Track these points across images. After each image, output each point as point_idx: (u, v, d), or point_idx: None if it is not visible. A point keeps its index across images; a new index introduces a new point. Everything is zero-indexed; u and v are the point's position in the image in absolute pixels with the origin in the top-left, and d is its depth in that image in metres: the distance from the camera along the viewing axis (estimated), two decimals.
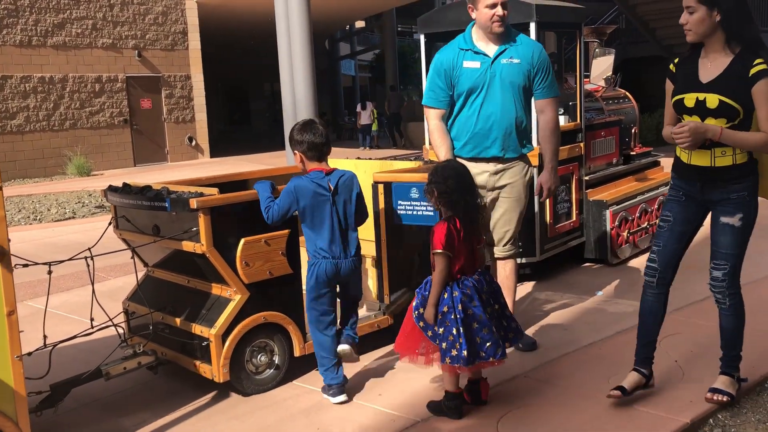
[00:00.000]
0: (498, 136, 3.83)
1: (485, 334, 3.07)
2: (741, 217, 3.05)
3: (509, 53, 3.81)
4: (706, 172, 3.05)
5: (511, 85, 3.80)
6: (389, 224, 3.96)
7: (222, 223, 3.35)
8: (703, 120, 2.98)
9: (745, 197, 3.05)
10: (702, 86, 3.00)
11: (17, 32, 16.31)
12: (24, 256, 3.27)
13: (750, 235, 3.12)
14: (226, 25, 22.01)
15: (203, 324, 3.46)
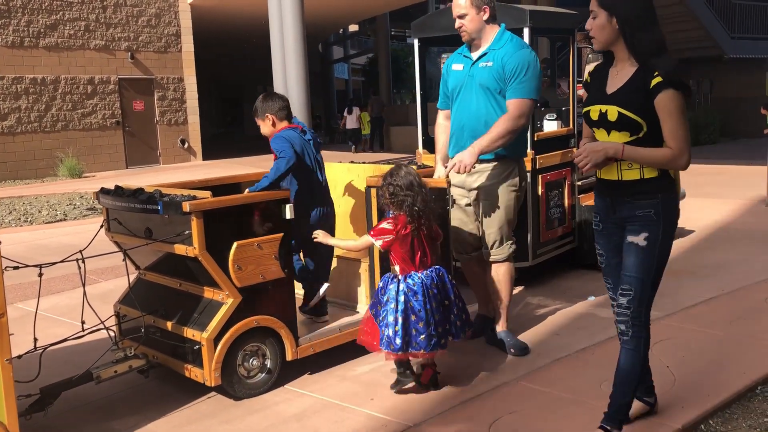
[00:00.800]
0: (469, 137, 3.86)
1: (421, 327, 3.35)
2: (646, 237, 2.75)
3: (488, 57, 3.88)
4: (614, 186, 2.80)
5: (482, 87, 3.86)
6: None
7: (215, 226, 3.34)
8: (608, 134, 2.77)
9: (652, 216, 2.75)
10: (606, 98, 2.77)
11: (9, 33, 16.25)
12: (15, 258, 3.24)
13: (660, 261, 2.79)
14: (219, 27, 22.00)
15: (195, 327, 3.44)
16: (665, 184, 2.78)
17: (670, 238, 2.81)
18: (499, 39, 3.88)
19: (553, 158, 5.30)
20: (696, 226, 7.43)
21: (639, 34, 2.66)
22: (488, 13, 3.86)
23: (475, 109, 3.88)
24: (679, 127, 2.64)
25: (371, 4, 22.48)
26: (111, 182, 4.15)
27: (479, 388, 3.57)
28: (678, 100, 2.64)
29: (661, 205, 2.76)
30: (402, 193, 3.35)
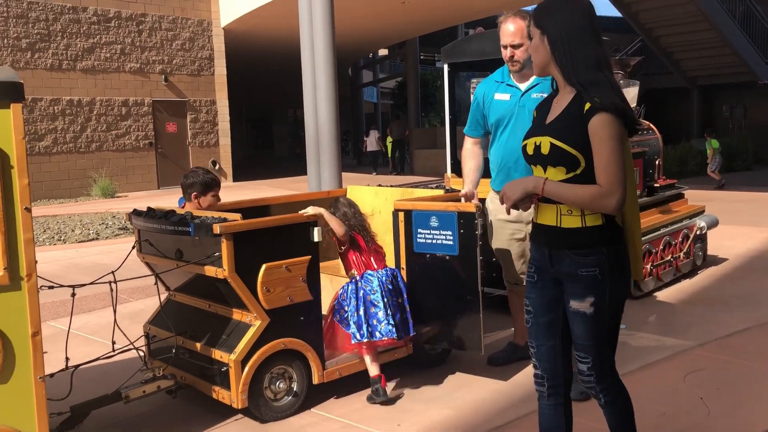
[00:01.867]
0: (525, 170, 3.63)
1: (380, 317, 3.70)
2: (592, 302, 2.29)
3: (541, 87, 3.77)
4: (551, 234, 2.36)
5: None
6: (409, 252, 3.96)
7: (244, 248, 3.37)
8: (545, 170, 2.37)
9: (596, 276, 2.28)
10: (543, 128, 2.40)
11: (48, 56, 16.68)
12: (48, 276, 3.31)
13: (613, 324, 2.37)
14: (251, 51, 22.35)
15: (223, 349, 3.46)
16: (611, 236, 2.31)
17: (621, 298, 2.37)
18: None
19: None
20: (729, 254, 7.31)
21: (569, 52, 2.28)
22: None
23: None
24: (611, 159, 2.19)
25: (401, 29, 22.69)
26: (143, 202, 4.22)
27: (508, 415, 3.53)
28: (613, 127, 2.21)
29: (606, 262, 2.28)
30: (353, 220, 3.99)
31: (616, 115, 2.22)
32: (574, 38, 2.28)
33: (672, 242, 6.05)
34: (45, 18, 16.57)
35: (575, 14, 2.31)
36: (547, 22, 2.32)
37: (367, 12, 18.86)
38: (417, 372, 4.13)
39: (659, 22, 19.41)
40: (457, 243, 3.68)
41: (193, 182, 4.11)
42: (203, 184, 4.11)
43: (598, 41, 2.31)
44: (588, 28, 2.30)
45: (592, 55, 2.28)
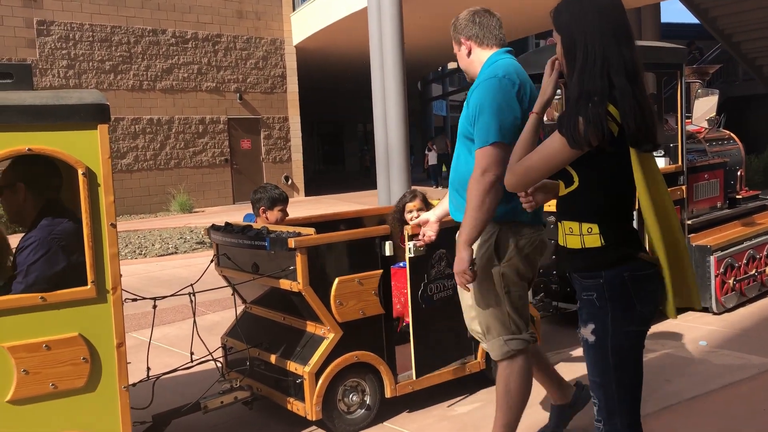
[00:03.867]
0: (452, 195, 3.15)
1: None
2: (593, 330, 2.11)
3: (468, 97, 3.11)
4: (561, 254, 2.25)
5: (461, 135, 3.08)
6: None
7: (318, 262, 3.43)
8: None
9: (594, 301, 2.11)
10: None
11: (130, 77, 17.41)
12: (130, 289, 3.44)
13: (620, 361, 2.09)
14: (322, 68, 22.73)
15: (297, 361, 3.52)
16: (611, 258, 2.09)
17: (627, 330, 2.10)
18: (482, 73, 3.03)
19: None
20: None
21: (578, 56, 2.06)
22: (469, 47, 3.08)
23: (456, 163, 3.10)
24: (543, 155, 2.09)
25: None
26: (219, 217, 4.35)
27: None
28: (551, 144, 2.06)
29: (605, 287, 2.08)
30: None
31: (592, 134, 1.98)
32: (593, 40, 2.03)
33: (756, 256, 5.80)
34: (127, 41, 17.32)
35: (589, 12, 2.06)
36: (560, 24, 2.13)
37: (437, 25, 18.91)
38: (491, 388, 4.08)
39: (738, 28, 18.73)
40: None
41: (260, 197, 4.23)
42: (270, 199, 4.22)
43: (619, 43, 2.04)
44: (605, 28, 2.04)
45: (610, 57, 2.02)
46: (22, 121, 2.63)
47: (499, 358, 3.02)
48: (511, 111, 2.82)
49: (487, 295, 2.98)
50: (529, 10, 17.81)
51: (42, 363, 2.69)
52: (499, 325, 2.99)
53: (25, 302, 2.67)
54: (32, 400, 2.68)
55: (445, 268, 3.83)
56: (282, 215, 4.25)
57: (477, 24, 3.08)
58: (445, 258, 3.83)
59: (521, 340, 3.00)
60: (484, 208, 2.79)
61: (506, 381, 3.02)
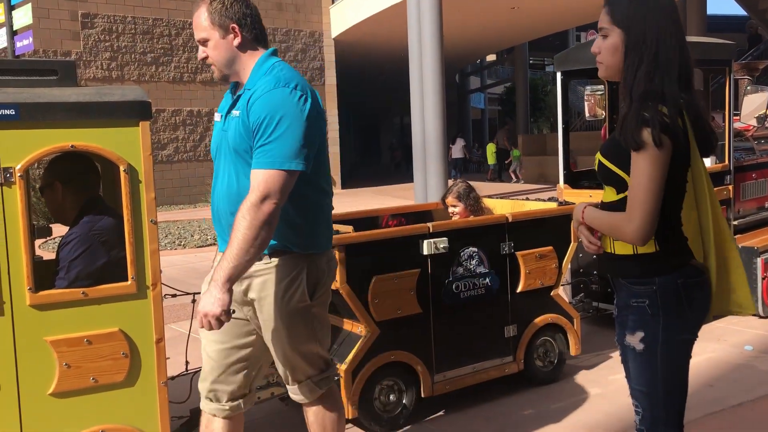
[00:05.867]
0: (222, 225, 2.59)
1: None
2: (642, 338, 2.03)
3: (240, 102, 2.52)
4: (608, 260, 2.13)
5: (230, 148, 2.52)
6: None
7: (356, 260, 3.41)
8: (604, 189, 2.14)
9: (646, 309, 2.02)
10: (602, 144, 2.22)
11: (171, 69, 17.62)
12: (169, 280, 3.48)
13: (670, 368, 2.04)
14: (359, 60, 22.73)
15: (334, 359, 3.51)
16: (665, 265, 2.02)
17: (679, 339, 2.04)
18: (257, 71, 2.53)
19: None
20: None
21: (644, 57, 1.96)
22: (240, 36, 2.52)
23: (226, 184, 2.56)
24: (641, 189, 1.92)
25: (510, 34, 22.41)
26: None
27: None
28: (649, 158, 1.91)
29: (658, 294, 2.01)
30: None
31: (664, 134, 1.89)
32: (658, 40, 1.95)
33: None
34: (168, 33, 17.53)
35: (665, 7, 1.99)
36: (629, 18, 1.98)
37: (476, 19, 18.76)
38: (528, 389, 4.03)
39: None
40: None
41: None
42: None
43: (679, 45, 1.98)
44: (671, 29, 1.97)
45: (672, 60, 1.94)
46: (66, 118, 2.66)
47: (311, 400, 2.70)
48: (313, 134, 2.40)
49: (295, 337, 2.55)
50: (572, 2, 17.55)
51: (83, 357, 2.72)
52: (307, 365, 2.62)
53: (67, 297, 2.71)
54: (73, 394, 2.72)
55: (476, 267, 3.79)
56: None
57: (250, 11, 2.54)
58: (476, 256, 3.79)
59: (330, 377, 2.71)
60: (257, 242, 2.31)
61: (321, 422, 2.73)
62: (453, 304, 3.72)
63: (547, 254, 4.02)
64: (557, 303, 4.11)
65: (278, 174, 2.33)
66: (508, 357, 3.94)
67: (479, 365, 3.83)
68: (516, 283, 3.94)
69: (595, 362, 4.42)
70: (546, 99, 34.52)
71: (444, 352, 3.70)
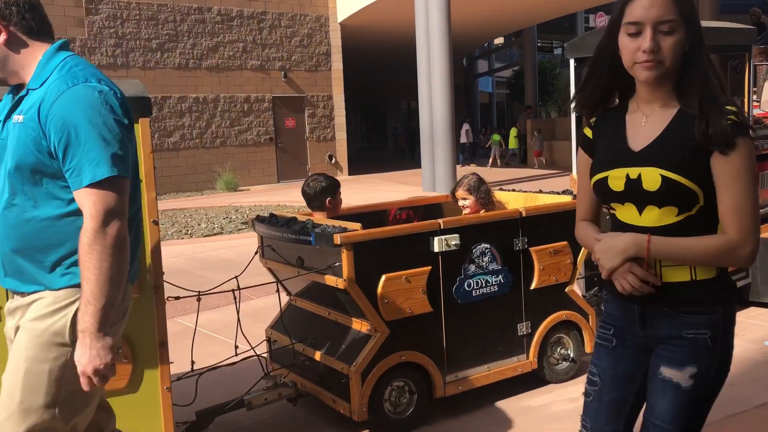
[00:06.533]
0: (10, 264, 2.11)
1: None
2: (694, 373, 1.79)
3: (21, 106, 2.09)
4: (657, 290, 1.81)
5: (11, 164, 2.05)
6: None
7: (364, 258, 3.30)
8: (640, 211, 1.81)
9: (707, 341, 1.80)
10: (634, 156, 1.82)
11: (176, 56, 17.48)
12: (176, 271, 3.41)
13: (707, 408, 1.87)
14: (366, 45, 22.53)
15: (343, 359, 3.41)
16: (727, 292, 1.83)
17: (726, 371, 1.85)
18: (42, 69, 2.09)
19: None
20: None
21: (707, 54, 1.76)
22: (6, 31, 2.08)
23: (5, 216, 2.08)
24: (746, 199, 1.70)
25: (519, 17, 22.14)
26: (264, 196, 4.26)
27: None
28: (752, 158, 1.72)
29: (721, 324, 1.80)
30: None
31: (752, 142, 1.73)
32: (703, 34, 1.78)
33: None
34: (173, 19, 17.37)
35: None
36: (694, 10, 1.76)
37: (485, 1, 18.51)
38: (542, 389, 3.93)
39: None
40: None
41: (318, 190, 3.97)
42: (309, 199, 3.98)
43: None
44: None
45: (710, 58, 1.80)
46: None
47: None
48: (121, 133, 2.02)
49: (32, 382, 2.00)
50: None
51: None
52: (31, 425, 1.99)
53: None
54: None
55: (488, 264, 3.67)
56: (333, 204, 4.01)
57: (29, 3, 2.11)
58: (489, 253, 3.67)
59: None
60: (116, 272, 1.96)
61: None
62: (465, 302, 3.62)
63: (561, 249, 3.91)
64: (572, 299, 4.00)
65: (107, 186, 1.97)
66: (522, 355, 3.84)
67: (492, 365, 3.73)
68: (530, 279, 3.83)
69: None
70: (554, 83, 34.22)
71: (456, 352, 3.60)
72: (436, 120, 14.96)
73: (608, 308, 1.96)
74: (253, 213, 12.59)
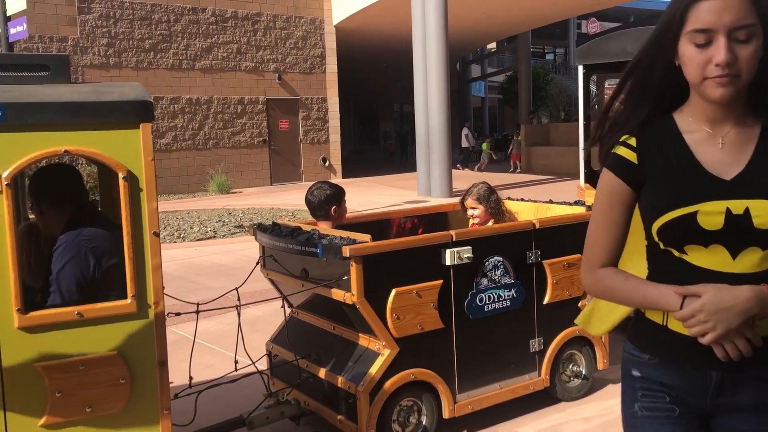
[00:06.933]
0: None
1: None
2: None
3: None
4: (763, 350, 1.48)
5: None
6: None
7: (374, 272, 3.14)
8: (735, 255, 1.48)
9: None
10: (726, 187, 1.48)
11: (170, 56, 17.27)
12: (170, 277, 3.26)
13: None
14: (360, 48, 22.40)
15: (350, 378, 3.25)
16: None
17: None
18: None
19: None
20: None
21: None
22: None
23: None
24: None
25: (513, 22, 22.07)
26: (257, 199, 4.09)
27: None
28: None
29: None
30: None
31: None
32: None
33: None
34: (167, 19, 17.16)
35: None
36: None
37: (481, 6, 18.41)
38: (555, 407, 3.79)
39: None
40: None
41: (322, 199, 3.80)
42: (313, 209, 3.82)
43: None
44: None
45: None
46: (58, 119, 2.39)
47: None
48: None
49: None
50: None
51: (78, 384, 2.46)
52: None
53: (60, 318, 2.44)
54: (66, 425, 2.46)
55: (501, 277, 3.53)
56: (338, 213, 3.86)
57: None
58: (501, 266, 3.53)
59: None
60: None
61: None
62: (476, 317, 3.47)
63: (575, 263, 3.77)
64: None
65: None
66: (534, 373, 3.69)
67: (504, 383, 3.58)
68: (543, 293, 3.69)
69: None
70: (547, 88, 34.17)
71: (467, 370, 3.45)
72: (432, 123, 14.84)
73: (655, 374, 1.57)
74: (247, 216, 12.41)
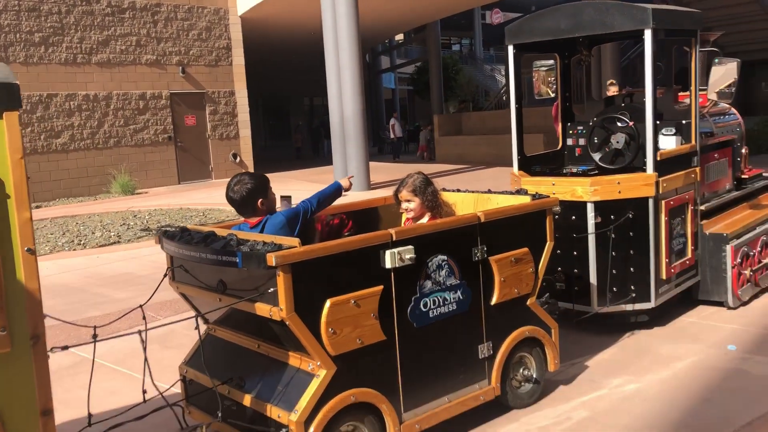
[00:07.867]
0: None
1: None
2: None
3: None
4: None
5: None
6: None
7: (305, 281, 2.70)
8: None
9: None
10: None
11: (62, 50, 16.09)
12: (67, 290, 2.74)
13: None
14: (268, 40, 21.69)
15: (280, 405, 2.80)
16: None
17: None
18: None
19: (677, 180, 4.55)
20: None
21: None
22: None
23: None
24: None
25: (421, 11, 21.90)
26: (164, 200, 3.56)
27: None
28: None
29: None
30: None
31: None
32: None
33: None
34: (57, 11, 15.97)
35: None
36: None
37: None
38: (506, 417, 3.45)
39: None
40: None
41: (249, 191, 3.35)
42: (236, 206, 3.40)
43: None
44: None
45: None
46: None
47: None
48: None
49: None
50: None
51: None
52: None
53: None
54: None
55: (446, 278, 3.16)
56: (266, 205, 3.38)
57: None
58: (446, 266, 3.16)
59: None
60: None
61: None
62: (421, 325, 3.08)
63: (522, 257, 3.45)
64: (534, 313, 3.55)
65: None
66: (483, 381, 3.34)
67: (452, 395, 3.21)
68: (490, 293, 3.34)
69: (573, 374, 3.90)
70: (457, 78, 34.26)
71: (413, 385, 3.06)
72: (346, 115, 14.41)
73: None
74: (153, 218, 11.62)
